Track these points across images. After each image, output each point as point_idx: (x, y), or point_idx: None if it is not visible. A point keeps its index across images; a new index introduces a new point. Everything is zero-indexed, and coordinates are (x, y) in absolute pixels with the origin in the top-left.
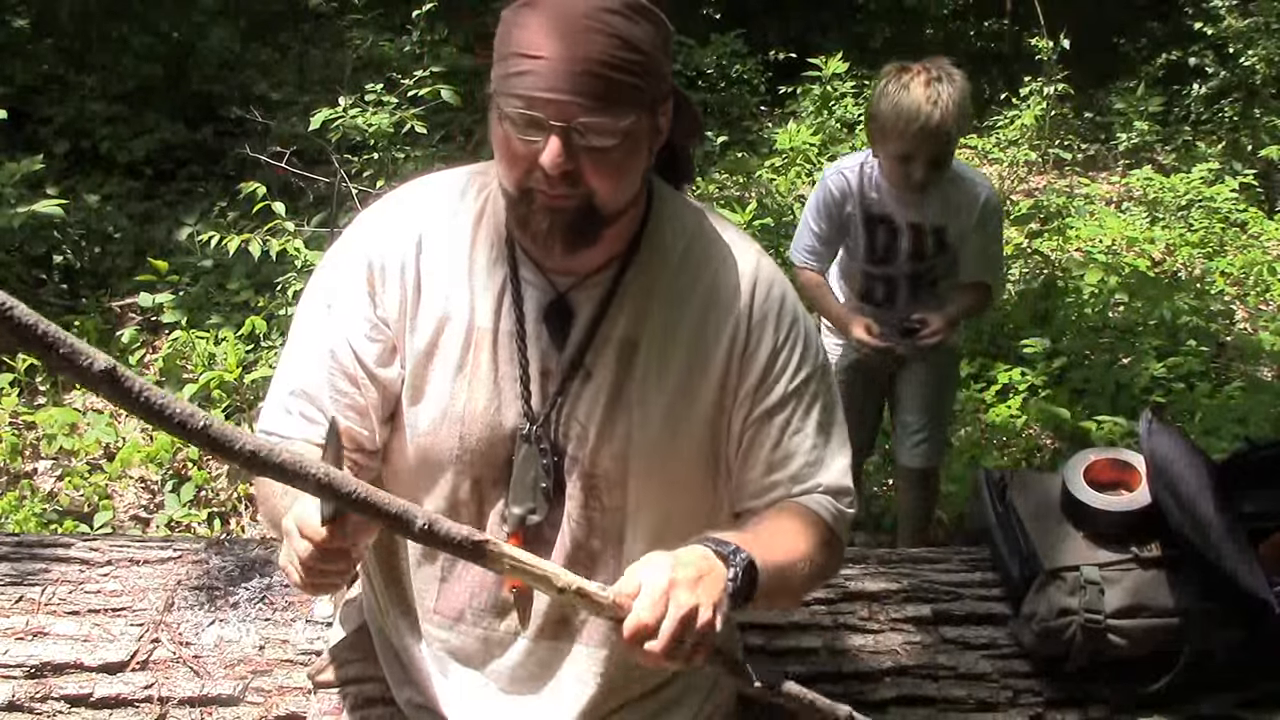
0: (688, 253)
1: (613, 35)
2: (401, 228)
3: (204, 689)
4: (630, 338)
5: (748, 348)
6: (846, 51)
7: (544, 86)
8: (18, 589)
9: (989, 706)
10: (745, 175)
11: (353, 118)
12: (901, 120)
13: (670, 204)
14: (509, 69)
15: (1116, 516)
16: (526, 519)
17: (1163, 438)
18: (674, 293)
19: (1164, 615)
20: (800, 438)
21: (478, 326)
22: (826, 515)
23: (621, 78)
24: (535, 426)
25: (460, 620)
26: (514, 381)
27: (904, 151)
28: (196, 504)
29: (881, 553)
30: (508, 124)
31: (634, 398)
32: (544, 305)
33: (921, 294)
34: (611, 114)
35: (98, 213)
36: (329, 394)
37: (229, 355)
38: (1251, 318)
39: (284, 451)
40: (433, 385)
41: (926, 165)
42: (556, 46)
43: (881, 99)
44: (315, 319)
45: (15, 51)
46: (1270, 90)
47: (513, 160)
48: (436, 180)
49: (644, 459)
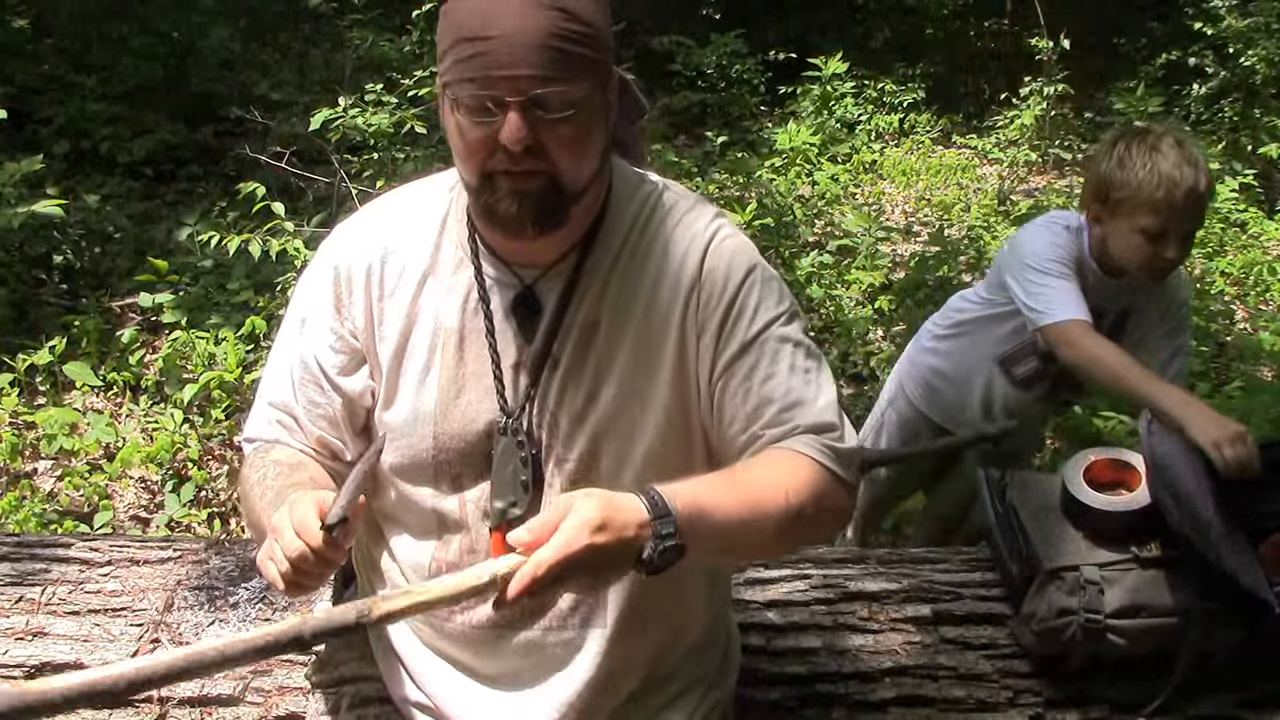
0: (645, 228)
1: (557, 9)
2: (367, 236)
3: (204, 689)
4: (590, 320)
5: (700, 303)
6: (846, 51)
7: (496, 64)
8: (18, 589)
9: (989, 706)
10: (745, 175)
11: (353, 118)
12: (1162, 188)
13: (628, 183)
14: (458, 55)
15: (1116, 516)
16: (508, 512)
17: (1163, 437)
18: (630, 268)
19: (1164, 615)
20: (772, 384)
21: (444, 326)
22: (813, 452)
23: (571, 48)
24: (511, 420)
25: (450, 620)
26: (486, 377)
27: (1157, 227)
28: (196, 504)
29: (881, 553)
30: (462, 111)
31: (598, 378)
32: (511, 299)
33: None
34: (566, 83)
35: (98, 213)
36: (303, 405)
37: (229, 355)
38: (1251, 318)
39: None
40: (403, 389)
41: (1182, 240)
42: (504, 25)
43: (1123, 169)
44: (291, 331)
45: (15, 51)
46: (1270, 90)
47: (471, 148)
48: (409, 188)
49: (614, 439)
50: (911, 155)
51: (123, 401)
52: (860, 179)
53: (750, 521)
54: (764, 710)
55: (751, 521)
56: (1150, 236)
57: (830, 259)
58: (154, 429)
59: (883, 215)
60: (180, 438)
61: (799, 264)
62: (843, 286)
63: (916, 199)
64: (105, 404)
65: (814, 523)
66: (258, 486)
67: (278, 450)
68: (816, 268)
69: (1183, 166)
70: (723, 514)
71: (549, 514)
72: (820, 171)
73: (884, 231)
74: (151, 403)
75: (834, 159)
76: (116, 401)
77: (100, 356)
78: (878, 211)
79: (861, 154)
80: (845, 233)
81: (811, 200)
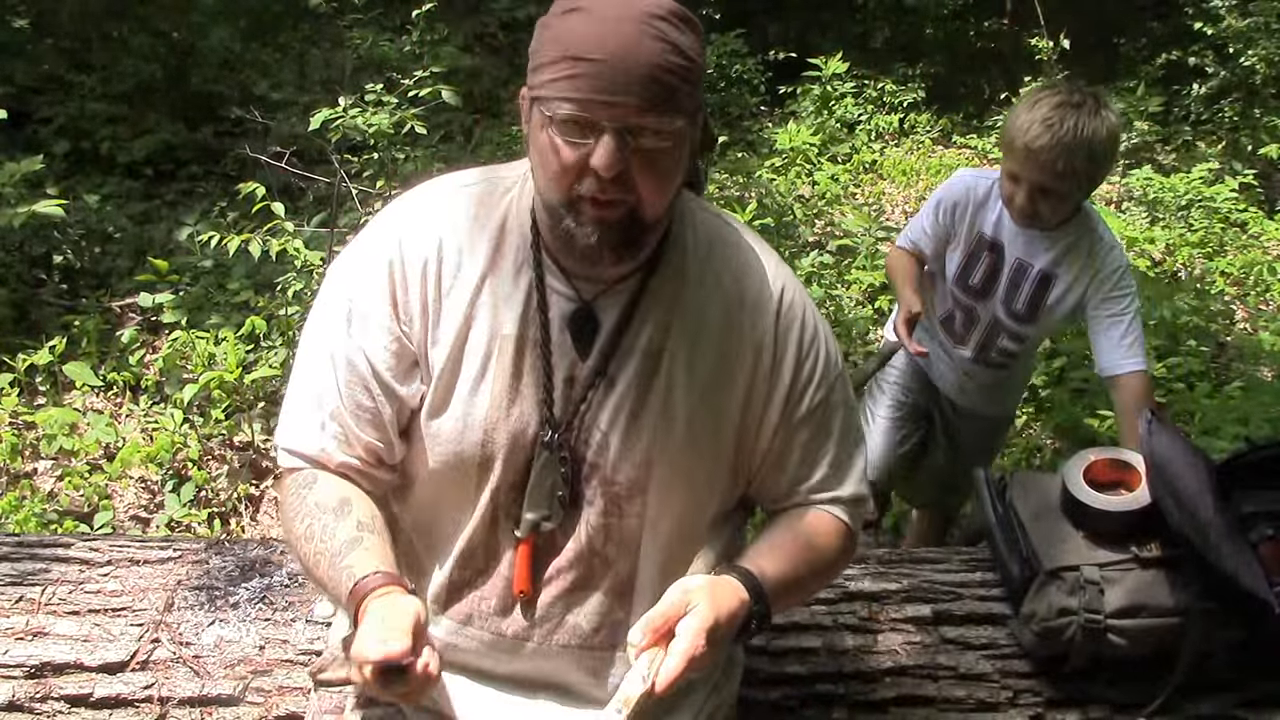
0: (708, 260)
1: (664, 41)
2: (422, 230)
3: (204, 689)
4: (654, 347)
5: (775, 359)
6: (846, 51)
7: (599, 89)
8: (18, 589)
9: (989, 706)
10: (745, 175)
11: (353, 118)
12: (1011, 133)
13: (690, 211)
14: (559, 72)
15: (1116, 516)
16: (540, 525)
17: (1163, 438)
18: (697, 301)
19: (1164, 615)
20: (824, 450)
21: (503, 334)
22: (848, 519)
23: (673, 81)
24: (557, 434)
25: (468, 624)
26: (537, 388)
27: (1010, 169)
28: (196, 504)
29: (881, 553)
30: (553, 129)
31: (657, 407)
32: (569, 313)
33: (990, 355)
34: (664, 117)
35: (98, 213)
36: (349, 409)
37: (229, 355)
38: (1251, 318)
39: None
40: (457, 393)
41: (1029, 192)
42: (613, 50)
43: (1014, 109)
44: (332, 326)
45: (15, 51)
46: (1270, 90)
47: (560, 168)
48: (450, 183)
49: (666, 468)
50: (911, 155)
51: (123, 401)
52: (860, 179)
53: (808, 585)
54: (764, 710)
55: (808, 585)
56: (1009, 176)
57: (830, 259)
58: (154, 429)
59: (883, 215)
60: (180, 438)
61: (799, 264)
62: (843, 286)
63: (916, 199)
64: (105, 404)
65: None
66: (305, 543)
67: (319, 489)
68: (816, 268)
69: (1047, 123)
70: (792, 581)
71: (663, 609)
72: (820, 171)
73: (884, 231)
74: (151, 403)
75: (834, 159)
76: (116, 401)
77: (100, 356)
78: (878, 211)
79: (861, 154)
80: (845, 233)
81: (811, 200)
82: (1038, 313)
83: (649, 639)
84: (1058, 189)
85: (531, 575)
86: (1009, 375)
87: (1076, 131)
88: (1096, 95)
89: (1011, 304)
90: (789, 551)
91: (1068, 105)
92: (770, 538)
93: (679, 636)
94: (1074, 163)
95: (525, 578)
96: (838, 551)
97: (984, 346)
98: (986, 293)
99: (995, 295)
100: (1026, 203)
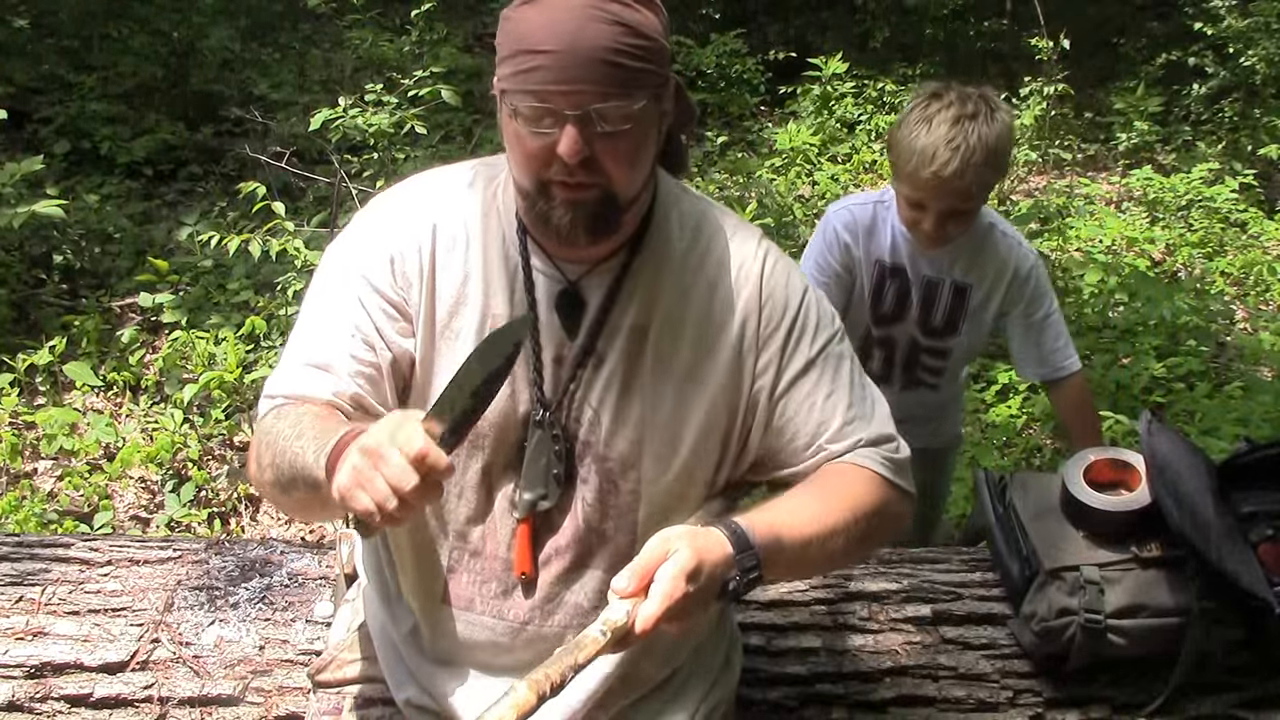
0: (694, 239)
1: (617, 23)
2: (416, 218)
3: (204, 689)
4: (640, 324)
5: (761, 323)
6: (846, 51)
7: (555, 79)
8: (18, 589)
9: (989, 706)
10: (745, 175)
11: (353, 118)
12: (914, 161)
13: (673, 192)
14: (518, 66)
15: (1116, 516)
16: (537, 504)
17: (1163, 438)
18: (681, 278)
19: (1164, 615)
20: (834, 400)
21: (494, 313)
22: (877, 466)
23: (629, 63)
24: (548, 412)
25: (469, 609)
26: (526, 368)
27: (915, 198)
28: (196, 504)
29: (881, 553)
30: (520, 120)
31: (647, 382)
32: (555, 294)
33: (917, 375)
34: (623, 98)
35: (98, 213)
36: (347, 362)
37: (229, 355)
38: (1251, 318)
39: None
40: (446, 371)
41: (938, 219)
42: (564, 39)
43: (901, 127)
44: (334, 290)
45: (15, 51)
46: (1270, 90)
47: (528, 156)
48: (441, 174)
49: (657, 442)
50: None
51: (123, 401)
52: (860, 179)
53: (821, 541)
54: (764, 710)
55: (823, 540)
56: (911, 204)
57: None
58: (154, 429)
59: None
60: (180, 438)
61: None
62: None
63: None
64: (105, 404)
65: (879, 533)
66: (292, 427)
67: (306, 405)
68: None
69: (940, 147)
70: (797, 536)
71: (645, 557)
72: (820, 171)
73: None
74: (151, 403)
75: (834, 159)
76: (116, 401)
77: (100, 356)
78: None
79: (861, 154)
80: None
81: (811, 200)
82: (958, 325)
83: (633, 585)
84: (968, 208)
85: (532, 556)
86: (938, 396)
87: (982, 145)
88: (985, 95)
89: (928, 322)
90: (791, 507)
91: (965, 118)
92: (775, 499)
93: (658, 580)
94: (981, 177)
95: (527, 559)
96: (873, 502)
97: (908, 368)
98: (900, 316)
99: (909, 317)
100: (935, 229)
